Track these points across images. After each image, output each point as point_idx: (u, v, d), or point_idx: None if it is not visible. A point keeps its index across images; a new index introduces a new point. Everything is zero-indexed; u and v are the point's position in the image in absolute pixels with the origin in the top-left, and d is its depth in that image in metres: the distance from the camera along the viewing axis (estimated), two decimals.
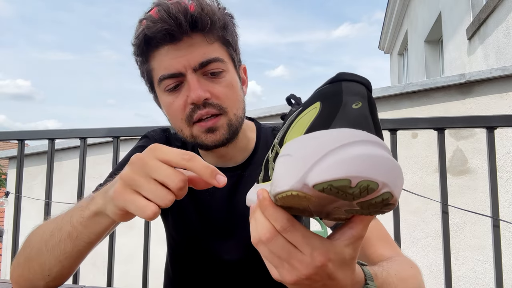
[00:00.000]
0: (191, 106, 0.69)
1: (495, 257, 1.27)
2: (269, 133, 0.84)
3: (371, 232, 0.70)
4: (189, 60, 0.68)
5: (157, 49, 0.69)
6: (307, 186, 0.31)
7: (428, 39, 6.29)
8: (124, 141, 1.52)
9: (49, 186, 1.58)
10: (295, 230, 0.39)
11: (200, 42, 0.69)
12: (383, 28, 9.52)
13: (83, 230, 0.56)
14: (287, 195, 0.33)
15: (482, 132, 2.45)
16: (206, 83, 0.70)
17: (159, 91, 0.73)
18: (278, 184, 0.34)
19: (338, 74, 0.37)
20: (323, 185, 0.30)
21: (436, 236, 2.54)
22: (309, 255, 0.39)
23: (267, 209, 0.39)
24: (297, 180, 0.32)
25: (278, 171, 0.35)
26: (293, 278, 0.40)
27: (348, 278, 0.43)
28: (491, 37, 3.76)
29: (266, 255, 0.41)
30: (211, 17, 0.68)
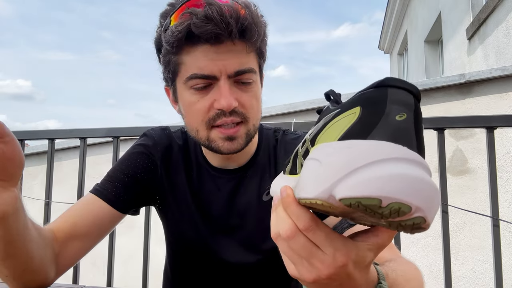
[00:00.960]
0: (217, 111, 0.68)
1: (495, 257, 1.27)
2: (271, 135, 0.84)
3: None
4: (226, 66, 0.67)
5: (195, 45, 0.67)
6: (333, 197, 0.29)
7: (428, 39, 6.30)
8: (124, 141, 1.52)
9: (49, 186, 1.58)
10: (318, 230, 0.38)
11: (241, 50, 0.68)
12: (383, 28, 9.52)
13: None
14: (311, 202, 0.32)
15: (482, 132, 2.45)
16: (236, 91, 0.69)
17: (183, 87, 0.71)
18: (304, 188, 0.32)
19: (385, 79, 0.34)
20: (350, 201, 0.28)
21: (436, 236, 2.53)
22: (331, 256, 0.38)
23: (290, 206, 0.38)
24: (323, 189, 0.30)
25: (305, 174, 0.33)
26: (313, 276, 0.39)
27: (364, 278, 0.42)
28: (491, 37, 3.76)
29: (285, 251, 0.40)
30: (258, 28, 0.67)
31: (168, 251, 0.89)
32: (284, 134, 0.84)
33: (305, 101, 2.82)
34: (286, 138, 0.83)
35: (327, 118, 0.37)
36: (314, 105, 2.78)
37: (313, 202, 0.31)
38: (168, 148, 0.83)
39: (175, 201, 0.82)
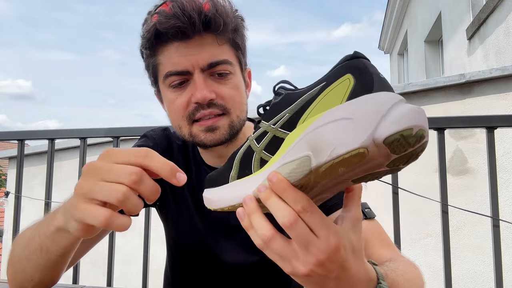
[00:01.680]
0: (195, 105, 0.69)
1: (495, 257, 1.27)
2: None
3: (370, 234, 0.70)
4: (198, 60, 0.68)
5: (166, 44, 0.69)
6: (376, 140, 0.34)
7: (428, 39, 6.29)
8: (124, 141, 1.52)
9: (49, 186, 1.58)
10: (315, 211, 0.39)
11: (211, 42, 0.68)
12: (383, 28, 9.52)
13: (50, 244, 0.55)
14: (352, 155, 0.34)
15: (482, 132, 2.45)
16: (212, 83, 0.70)
17: (163, 87, 0.73)
18: (338, 146, 0.35)
19: (355, 52, 0.41)
20: (395, 136, 0.34)
21: (436, 236, 2.54)
22: (325, 239, 0.39)
23: (286, 190, 0.38)
24: (367, 136, 0.34)
25: (333, 135, 0.35)
26: (307, 268, 0.39)
27: (361, 272, 0.43)
28: (491, 37, 3.76)
29: (279, 248, 0.40)
30: (225, 18, 0.68)
31: (168, 252, 0.89)
32: None
33: None
34: None
35: (309, 96, 0.41)
36: None
37: (355, 153, 0.34)
38: (169, 149, 0.83)
39: (175, 202, 0.82)
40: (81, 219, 0.43)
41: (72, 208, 0.44)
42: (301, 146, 0.38)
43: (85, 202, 0.42)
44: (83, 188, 0.43)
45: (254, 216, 0.41)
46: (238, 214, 0.43)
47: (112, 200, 0.41)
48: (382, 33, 9.76)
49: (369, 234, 0.70)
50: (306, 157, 0.37)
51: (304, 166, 0.37)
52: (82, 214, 0.43)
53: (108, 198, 0.41)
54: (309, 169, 0.37)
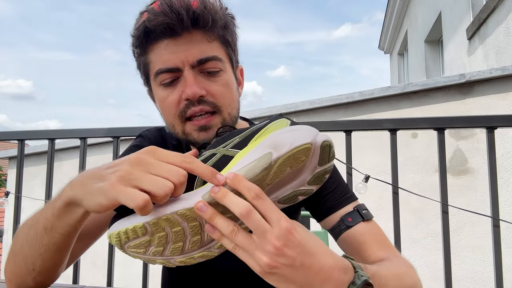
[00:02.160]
0: (185, 102, 0.69)
1: (495, 257, 1.27)
2: None
3: (367, 235, 0.70)
4: (187, 56, 0.68)
5: (156, 42, 0.69)
6: (317, 143, 0.52)
7: (428, 39, 6.30)
8: (124, 141, 1.52)
9: (49, 186, 1.58)
10: (266, 198, 0.47)
11: (200, 39, 0.68)
12: (383, 28, 9.52)
13: (56, 221, 0.55)
14: (303, 148, 0.50)
15: (482, 132, 2.45)
16: (202, 80, 0.69)
17: (155, 85, 0.73)
18: (296, 141, 0.50)
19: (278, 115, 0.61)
20: (326, 143, 0.53)
21: (436, 236, 2.54)
22: (277, 223, 0.45)
23: (242, 181, 0.47)
24: (313, 137, 0.52)
25: (293, 135, 0.51)
26: (268, 257, 0.45)
27: (330, 259, 0.47)
28: (491, 37, 3.76)
29: (242, 241, 0.46)
30: (213, 15, 0.68)
31: None
32: None
33: (305, 101, 2.82)
34: None
35: (258, 127, 0.58)
36: (314, 105, 2.78)
37: (306, 146, 0.50)
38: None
39: None
40: (115, 198, 0.47)
41: (110, 186, 0.47)
42: (263, 148, 0.51)
43: (126, 185, 0.46)
44: (131, 174, 0.47)
45: (217, 218, 0.47)
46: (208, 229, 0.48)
47: (159, 192, 0.45)
48: (382, 33, 9.76)
49: (366, 236, 0.69)
50: (268, 153, 0.49)
51: (265, 160, 0.49)
52: (120, 194, 0.46)
53: (156, 189, 0.45)
54: (269, 162, 0.49)
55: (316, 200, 0.74)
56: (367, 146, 2.60)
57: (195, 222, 0.49)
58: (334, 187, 0.74)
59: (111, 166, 0.50)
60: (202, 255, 0.53)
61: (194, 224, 0.49)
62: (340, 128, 1.44)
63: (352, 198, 0.74)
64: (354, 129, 1.43)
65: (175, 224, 0.48)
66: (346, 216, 0.71)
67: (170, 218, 0.47)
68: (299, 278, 0.46)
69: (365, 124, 1.49)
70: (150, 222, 0.47)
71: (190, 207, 0.47)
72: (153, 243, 0.49)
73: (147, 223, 0.47)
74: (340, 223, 0.71)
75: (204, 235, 0.51)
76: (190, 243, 0.51)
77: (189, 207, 0.47)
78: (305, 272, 0.46)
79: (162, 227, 0.48)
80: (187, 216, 0.48)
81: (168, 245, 0.50)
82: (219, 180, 0.48)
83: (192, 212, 0.47)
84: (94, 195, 0.49)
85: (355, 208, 0.72)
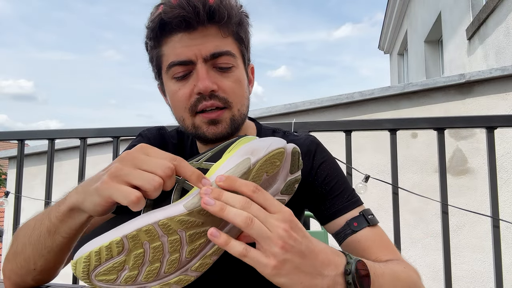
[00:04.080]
0: (197, 96, 0.69)
1: (495, 257, 1.27)
2: (269, 135, 0.84)
3: (371, 241, 0.69)
4: (201, 50, 0.68)
5: (170, 35, 0.69)
6: (288, 148, 0.56)
7: (428, 39, 6.30)
8: (124, 141, 1.52)
9: (49, 186, 1.58)
10: (262, 189, 0.48)
11: (215, 34, 0.69)
12: (383, 28, 9.52)
13: (60, 225, 0.56)
14: (278, 152, 0.54)
15: (482, 132, 2.45)
16: (214, 75, 0.69)
17: (166, 78, 0.73)
18: (271, 145, 0.53)
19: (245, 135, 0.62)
20: (295, 150, 0.58)
21: (436, 236, 2.54)
22: (279, 208, 0.47)
23: (236, 180, 0.48)
24: (284, 143, 0.55)
25: (268, 141, 0.54)
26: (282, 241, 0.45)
27: (322, 244, 0.49)
28: (491, 37, 3.76)
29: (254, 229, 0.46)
30: (229, 11, 0.68)
31: None
32: (284, 135, 0.83)
33: (305, 101, 2.82)
34: (287, 139, 0.82)
35: (230, 141, 0.59)
36: (314, 105, 2.78)
37: (280, 150, 0.54)
38: (163, 149, 0.82)
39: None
40: (109, 195, 0.47)
41: (103, 184, 0.48)
42: (239, 156, 0.52)
43: (118, 182, 0.47)
44: (120, 170, 0.48)
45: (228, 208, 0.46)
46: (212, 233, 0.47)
47: (148, 186, 0.46)
48: (382, 33, 9.76)
49: (371, 242, 0.69)
50: (246, 158, 0.51)
51: (244, 165, 0.50)
52: (113, 191, 0.47)
53: (145, 184, 0.46)
54: (248, 166, 0.50)
55: (322, 203, 0.74)
56: (367, 146, 2.60)
57: (176, 235, 0.47)
58: (340, 190, 0.74)
59: (106, 167, 0.51)
60: (179, 280, 0.50)
61: (175, 238, 0.47)
62: (340, 128, 1.44)
63: (358, 203, 0.74)
64: (354, 129, 1.43)
65: (155, 238, 0.46)
66: (351, 220, 0.71)
67: (151, 229, 0.45)
68: (307, 265, 0.47)
69: (365, 124, 1.49)
70: (129, 235, 0.44)
71: (172, 215, 0.46)
72: (127, 266, 0.46)
73: (125, 237, 0.44)
74: (345, 228, 0.71)
75: (183, 252, 0.48)
76: (167, 264, 0.48)
77: (171, 216, 0.46)
78: (310, 256, 0.47)
79: (141, 242, 0.45)
80: (169, 228, 0.46)
81: (143, 267, 0.47)
82: (204, 184, 0.48)
83: (174, 222, 0.46)
84: (91, 196, 0.50)
85: (361, 213, 0.71)
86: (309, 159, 0.76)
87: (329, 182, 0.74)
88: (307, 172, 0.75)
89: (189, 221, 0.47)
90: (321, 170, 0.75)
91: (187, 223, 0.47)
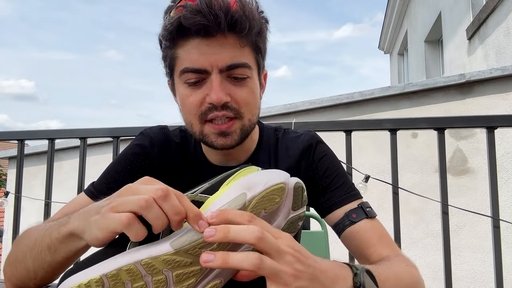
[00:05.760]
0: (208, 105, 0.68)
1: (495, 257, 1.27)
2: (271, 134, 0.84)
3: (370, 233, 0.70)
4: (217, 60, 0.66)
5: (187, 39, 0.67)
6: (290, 183, 0.52)
7: (428, 39, 6.30)
8: (124, 141, 1.52)
9: (49, 186, 1.58)
10: (257, 217, 0.46)
11: (233, 43, 0.67)
12: (383, 28, 9.52)
13: (59, 246, 0.56)
14: (277, 187, 0.50)
15: (482, 132, 2.45)
16: (228, 86, 0.68)
17: (178, 81, 0.72)
18: (270, 180, 0.50)
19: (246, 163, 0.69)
20: (298, 185, 0.54)
21: (436, 236, 2.54)
22: (280, 235, 0.46)
23: (230, 212, 0.46)
24: (285, 178, 0.52)
25: (266, 176, 0.51)
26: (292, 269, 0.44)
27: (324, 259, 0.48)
28: (491, 37, 3.76)
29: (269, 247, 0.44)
30: (250, 21, 0.66)
31: None
32: (285, 133, 0.83)
33: (305, 101, 2.82)
34: (288, 136, 0.82)
35: (230, 172, 0.58)
36: (314, 105, 2.78)
37: (280, 186, 0.50)
38: (166, 148, 0.82)
39: None
40: (106, 226, 0.47)
41: (99, 218, 0.48)
42: (236, 190, 0.49)
43: (113, 212, 0.47)
44: (115, 202, 0.48)
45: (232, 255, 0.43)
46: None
47: (135, 207, 0.45)
48: (382, 33, 9.76)
49: (369, 233, 0.70)
50: (242, 194, 0.48)
51: (239, 201, 0.48)
52: (108, 221, 0.47)
53: (133, 206, 0.45)
54: (243, 203, 0.47)
55: (322, 196, 0.75)
56: (367, 146, 2.60)
57: (161, 275, 0.43)
58: (340, 184, 0.75)
59: (108, 198, 0.50)
60: None
61: (160, 278, 0.43)
62: (340, 128, 1.44)
63: (357, 196, 0.75)
64: (354, 129, 1.43)
65: (137, 278, 0.42)
66: (350, 212, 0.72)
67: (132, 269, 0.42)
68: (317, 284, 0.45)
69: (365, 124, 1.49)
70: (109, 274, 0.42)
71: (156, 255, 0.43)
72: None
73: (104, 275, 0.42)
74: (344, 219, 0.72)
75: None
76: None
77: (155, 256, 0.43)
78: (321, 277, 0.46)
79: (122, 282, 0.42)
80: (153, 267, 0.43)
81: None
82: (202, 225, 0.45)
83: (159, 262, 0.43)
84: (91, 228, 0.50)
85: (359, 205, 0.73)
86: (310, 154, 0.77)
87: (329, 176, 0.76)
88: (308, 167, 0.77)
89: (176, 261, 0.43)
90: (321, 164, 0.77)
91: (173, 263, 0.43)
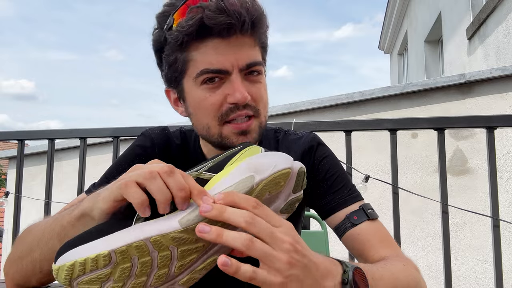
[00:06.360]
0: (230, 106, 0.67)
1: (495, 257, 1.27)
2: (271, 135, 0.84)
3: (371, 235, 0.70)
4: (237, 60, 0.66)
5: (203, 40, 0.66)
6: (295, 168, 0.54)
7: (428, 39, 6.30)
8: (124, 141, 1.52)
9: (49, 186, 1.59)
10: (262, 204, 0.47)
11: (250, 42, 0.68)
12: (383, 28, 9.53)
13: (71, 230, 0.56)
14: (284, 172, 0.51)
15: (482, 132, 2.45)
16: (247, 84, 0.69)
17: (192, 84, 0.69)
18: (278, 165, 0.51)
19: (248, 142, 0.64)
20: (302, 170, 0.56)
21: (436, 236, 2.54)
22: (280, 222, 0.46)
23: (236, 195, 0.46)
24: (291, 163, 0.53)
25: (273, 159, 0.52)
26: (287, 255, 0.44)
27: (318, 254, 0.49)
28: (491, 37, 3.76)
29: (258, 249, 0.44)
30: (266, 20, 0.68)
31: None
32: (285, 135, 0.83)
33: (305, 101, 2.82)
34: (288, 138, 0.82)
35: (233, 151, 0.58)
36: (314, 105, 2.78)
37: (286, 171, 0.52)
38: (167, 149, 0.82)
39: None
40: (108, 196, 0.50)
41: (104, 191, 0.51)
42: (242, 171, 0.50)
43: (125, 183, 0.48)
44: (122, 177, 0.50)
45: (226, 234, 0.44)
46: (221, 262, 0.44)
47: (139, 178, 0.47)
48: (382, 33, 9.76)
49: (370, 236, 0.70)
50: (250, 176, 0.49)
51: (247, 183, 0.48)
52: (110, 191, 0.49)
53: (137, 177, 0.47)
54: (251, 186, 0.48)
55: (323, 198, 0.75)
56: (367, 146, 2.60)
57: (167, 251, 0.44)
58: (341, 186, 0.75)
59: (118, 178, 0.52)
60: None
61: (165, 254, 0.44)
62: (340, 128, 1.44)
63: (358, 198, 0.75)
64: (354, 129, 1.43)
65: (144, 254, 0.44)
66: (351, 214, 0.71)
67: (141, 245, 0.43)
68: (310, 278, 0.46)
69: (365, 124, 1.50)
70: (118, 250, 0.42)
71: (165, 232, 0.43)
72: (112, 278, 0.43)
73: (113, 251, 0.42)
74: (345, 221, 0.71)
75: (172, 267, 0.46)
76: (154, 277, 0.45)
77: (164, 233, 0.43)
78: (313, 269, 0.46)
79: (130, 257, 0.43)
80: (161, 244, 0.44)
81: (129, 280, 0.44)
82: (205, 200, 0.46)
83: (167, 239, 0.44)
84: (98, 202, 0.51)
85: (361, 207, 0.72)
86: (310, 156, 0.77)
87: (329, 178, 0.75)
88: (309, 169, 0.75)
89: (183, 238, 0.45)
90: (322, 166, 0.76)
91: (180, 240, 0.44)
